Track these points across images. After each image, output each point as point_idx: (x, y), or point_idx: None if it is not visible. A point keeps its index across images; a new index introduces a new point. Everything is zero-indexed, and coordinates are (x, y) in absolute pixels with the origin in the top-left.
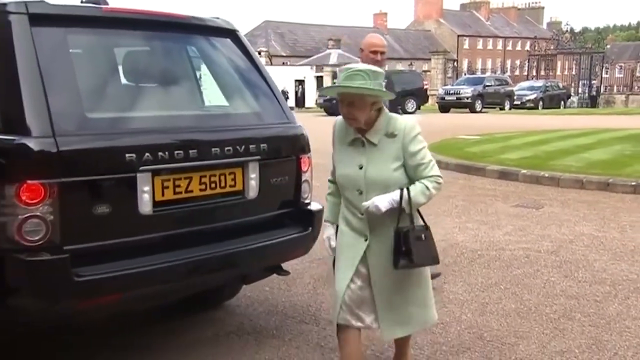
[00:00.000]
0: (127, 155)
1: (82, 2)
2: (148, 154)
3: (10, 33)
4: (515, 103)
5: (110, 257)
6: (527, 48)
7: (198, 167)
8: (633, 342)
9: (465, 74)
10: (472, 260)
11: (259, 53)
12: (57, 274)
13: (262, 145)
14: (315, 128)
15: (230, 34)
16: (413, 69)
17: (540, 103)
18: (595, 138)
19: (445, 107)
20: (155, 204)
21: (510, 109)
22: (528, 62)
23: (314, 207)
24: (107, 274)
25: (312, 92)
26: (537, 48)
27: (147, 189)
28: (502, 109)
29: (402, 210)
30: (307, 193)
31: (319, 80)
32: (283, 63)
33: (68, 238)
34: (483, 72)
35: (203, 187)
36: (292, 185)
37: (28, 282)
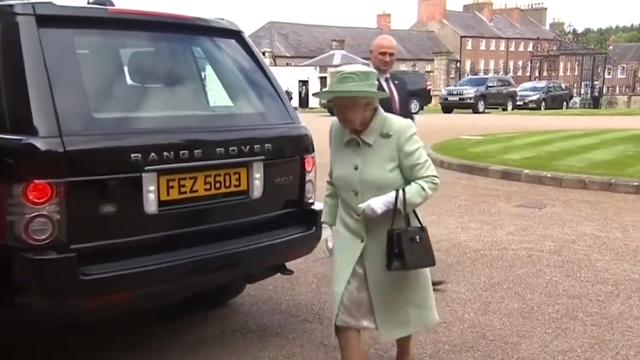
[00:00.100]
0: (132, 155)
1: (88, 3)
2: (153, 154)
3: (18, 34)
4: (518, 104)
5: (116, 256)
6: (529, 49)
7: (203, 167)
8: (635, 341)
9: (468, 75)
10: (474, 260)
11: (263, 54)
12: (63, 273)
13: (266, 146)
14: (319, 128)
15: (235, 35)
16: (416, 70)
17: (543, 104)
18: (598, 138)
19: (448, 107)
20: (161, 204)
21: (513, 110)
22: (531, 62)
23: (318, 206)
24: (113, 273)
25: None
26: (539, 49)
27: (152, 189)
28: (504, 110)
29: (397, 212)
30: (311, 193)
31: (323, 81)
32: (287, 64)
33: (74, 237)
34: (486, 72)
35: (208, 186)
36: (296, 185)
37: (35, 280)
